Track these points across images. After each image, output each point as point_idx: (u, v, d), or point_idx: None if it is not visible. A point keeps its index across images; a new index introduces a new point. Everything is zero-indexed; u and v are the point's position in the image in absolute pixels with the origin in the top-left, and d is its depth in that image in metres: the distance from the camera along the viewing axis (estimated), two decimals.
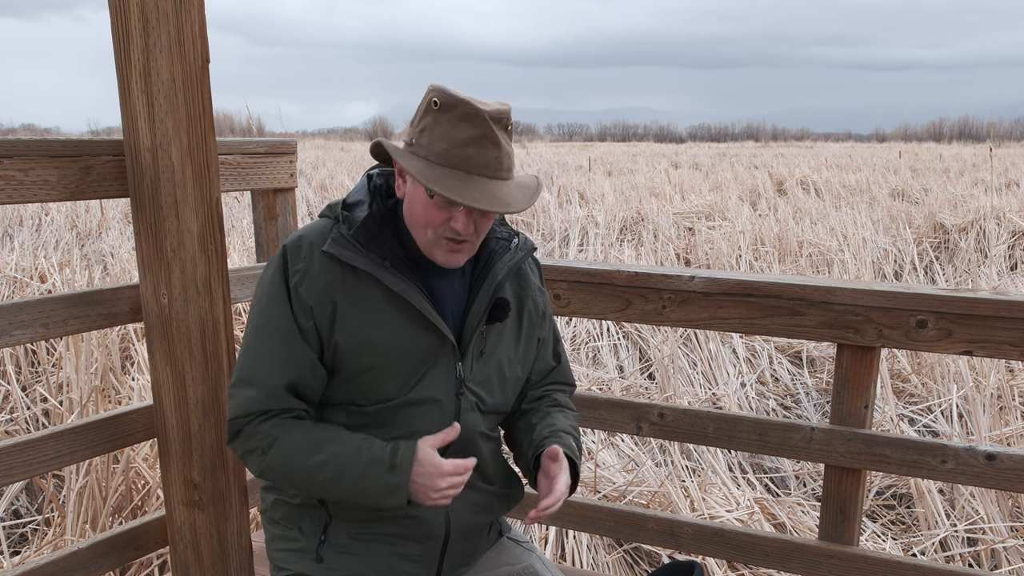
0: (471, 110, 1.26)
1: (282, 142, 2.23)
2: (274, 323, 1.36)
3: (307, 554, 1.47)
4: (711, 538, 2.07)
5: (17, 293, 5.92)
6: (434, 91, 1.30)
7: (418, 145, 1.30)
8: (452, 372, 1.43)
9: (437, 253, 1.36)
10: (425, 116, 1.30)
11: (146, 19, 1.53)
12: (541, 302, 1.56)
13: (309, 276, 1.35)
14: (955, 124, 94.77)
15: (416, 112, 1.34)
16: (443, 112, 1.28)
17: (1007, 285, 6.80)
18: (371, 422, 1.41)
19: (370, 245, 1.36)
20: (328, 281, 1.35)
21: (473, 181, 1.27)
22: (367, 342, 1.36)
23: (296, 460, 1.36)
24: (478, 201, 1.25)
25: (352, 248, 1.35)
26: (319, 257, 1.36)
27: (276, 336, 1.36)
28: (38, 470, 1.66)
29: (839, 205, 12.17)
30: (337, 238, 1.36)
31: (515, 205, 1.29)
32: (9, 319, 1.58)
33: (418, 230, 1.36)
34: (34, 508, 3.36)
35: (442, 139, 1.27)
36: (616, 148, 40.95)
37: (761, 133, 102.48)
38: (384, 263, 1.36)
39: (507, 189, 1.31)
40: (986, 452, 1.75)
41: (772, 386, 4.94)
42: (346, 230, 1.36)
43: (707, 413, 2.02)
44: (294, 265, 1.36)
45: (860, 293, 1.79)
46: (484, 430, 1.50)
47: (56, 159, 1.61)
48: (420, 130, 1.30)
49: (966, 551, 3.04)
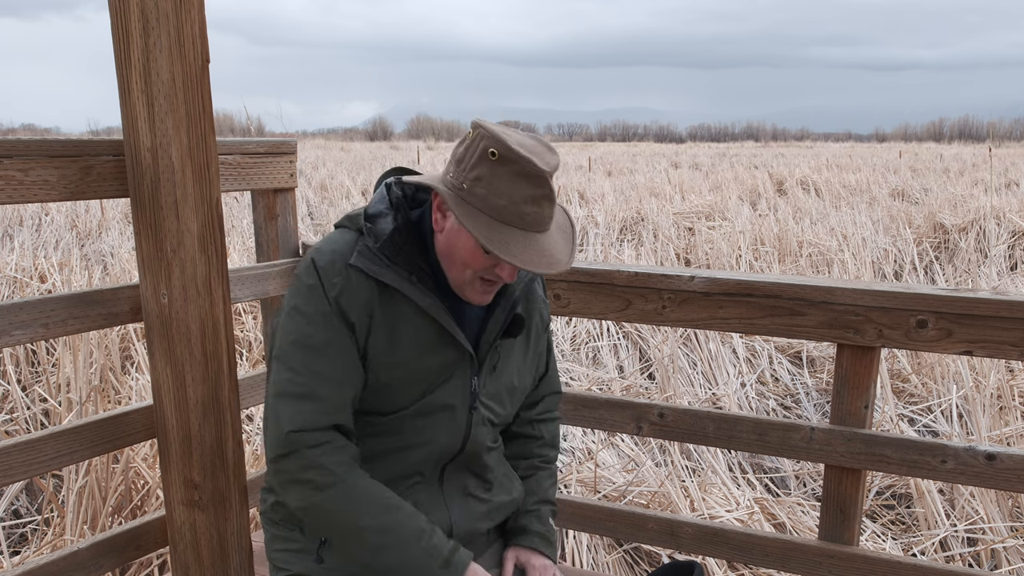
0: (534, 170, 1.23)
1: (282, 142, 2.22)
2: (326, 336, 1.33)
3: (307, 554, 1.47)
4: (711, 538, 2.07)
5: (17, 293, 5.92)
6: (489, 138, 1.24)
7: (472, 194, 1.25)
8: (467, 385, 1.44)
9: (469, 292, 1.36)
10: (480, 164, 1.25)
11: (146, 19, 1.53)
12: (545, 315, 1.59)
13: (348, 291, 1.33)
14: (955, 124, 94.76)
15: (464, 150, 1.28)
16: (502, 165, 1.23)
17: (1007, 285, 6.80)
18: (388, 430, 1.42)
19: (396, 259, 1.34)
20: (367, 297, 1.34)
21: (528, 240, 1.26)
22: (393, 356, 1.36)
23: (352, 514, 1.33)
24: (535, 264, 1.25)
25: (379, 262, 1.33)
26: (351, 271, 1.33)
27: (331, 349, 1.33)
28: (38, 470, 1.66)
29: (839, 205, 12.17)
30: (364, 252, 1.34)
31: (565, 263, 1.29)
32: (9, 319, 1.58)
33: (455, 268, 1.35)
34: (34, 508, 3.36)
35: (500, 195, 1.24)
36: (616, 148, 40.95)
37: (761, 133, 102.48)
38: (411, 278, 1.34)
39: (553, 241, 1.30)
40: (986, 452, 1.75)
41: (772, 386, 4.94)
42: (372, 243, 1.34)
43: (707, 413, 2.02)
44: (330, 278, 1.33)
45: (860, 293, 1.79)
46: (490, 443, 1.53)
47: (56, 159, 1.61)
48: (474, 178, 1.25)
49: (966, 551, 3.03)
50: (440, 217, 1.35)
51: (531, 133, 1.32)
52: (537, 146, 1.28)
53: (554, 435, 1.70)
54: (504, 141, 1.23)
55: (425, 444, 1.42)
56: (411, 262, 1.35)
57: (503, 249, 1.23)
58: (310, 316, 1.34)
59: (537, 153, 1.25)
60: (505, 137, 1.24)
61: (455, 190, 1.27)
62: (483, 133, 1.25)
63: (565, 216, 1.39)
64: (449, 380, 1.41)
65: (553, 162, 1.26)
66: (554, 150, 1.30)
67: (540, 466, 1.66)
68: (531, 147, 1.26)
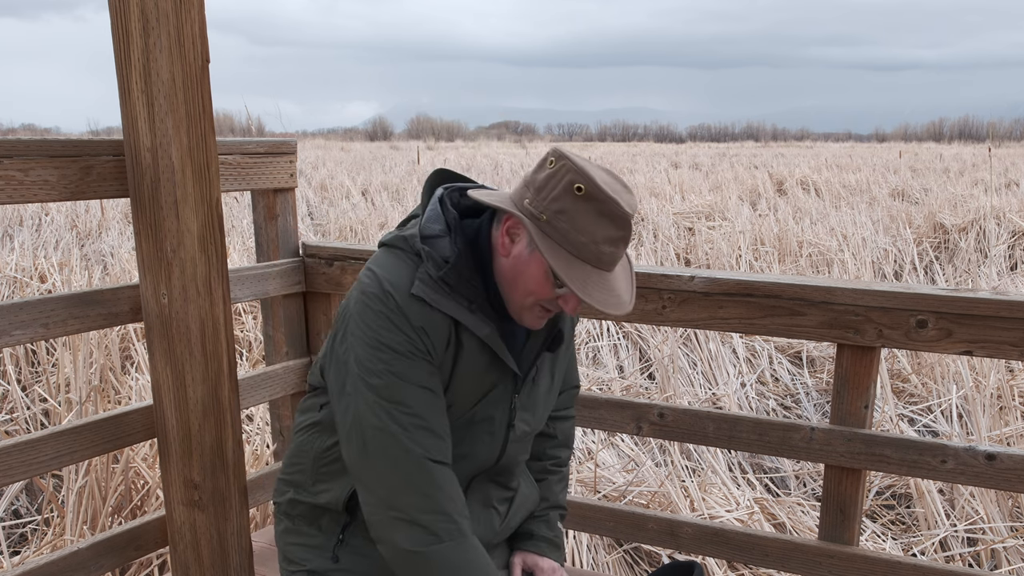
0: (618, 211, 1.22)
1: (282, 142, 2.22)
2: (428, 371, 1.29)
3: (323, 551, 1.46)
4: (711, 538, 2.07)
5: (17, 293, 5.92)
6: (576, 173, 1.22)
7: (552, 227, 1.23)
8: (508, 401, 1.43)
9: (527, 317, 1.34)
10: (563, 197, 1.22)
11: (146, 19, 1.53)
12: (573, 322, 1.59)
13: (431, 329, 1.29)
14: (955, 124, 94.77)
15: (546, 179, 1.25)
16: (587, 202, 1.21)
17: (1007, 285, 6.80)
18: None
19: (458, 287, 1.30)
20: (447, 332, 1.31)
21: (601, 279, 1.25)
22: (453, 383, 1.35)
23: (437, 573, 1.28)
24: (607, 305, 1.23)
25: (440, 291, 1.29)
26: (413, 300, 1.28)
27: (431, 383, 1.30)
28: (38, 470, 1.66)
29: (839, 205, 12.17)
30: (426, 280, 1.29)
31: (628, 304, 1.28)
32: (9, 319, 1.58)
33: (517, 294, 1.32)
34: (34, 508, 3.36)
35: (582, 232, 1.22)
36: (616, 148, 40.95)
37: (761, 133, 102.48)
38: (471, 306, 1.31)
39: (619, 281, 1.29)
40: (986, 452, 1.75)
41: (772, 386, 4.94)
42: (434, 272, 1.29)
43: (707, 413, 2.01)
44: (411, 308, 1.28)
45: (860, 293, 1.79)
46: (523, 457, 1.54)
47: (56, 159, 1.61)
48: (557, 211, 1.22)
49: (966, 551, 3.03)
50: (508, 242, 1.31)
51: (607, 170, 1.29)
52: (617, 185, 1.26)
53: (568, 435, 1.69)
54: (592, 178, 1.21)
55: (461, 458, 1.40)
56: (471, 289, 1.31)
57: (582, 288, 1.22)
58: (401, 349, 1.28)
59: (620, 193, 1.24)
60: (592, 173, 1.22)
61: (534, 220, 1.24)
62: (569, 166, 1.23)
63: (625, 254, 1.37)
64: (489, 394, 1.40)
65: (634, 204, 1.25)
66: (631, 190, 1.28)
67: (552, 469, 1.66)
68: (614, 187, 1.24)
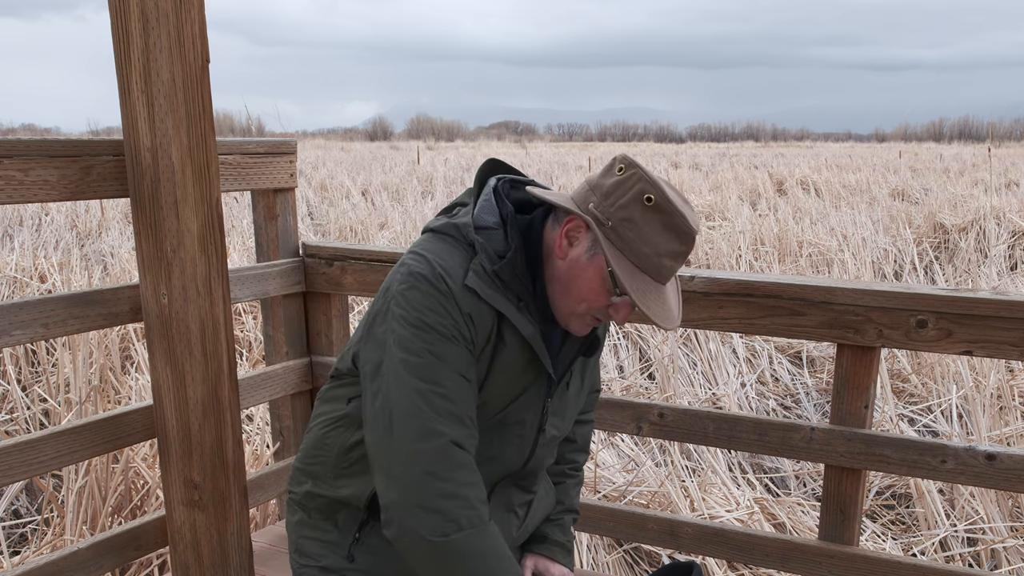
0: (685, 226, 1.21)
1: (282, 142, 2.22)
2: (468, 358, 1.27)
3: (339, 548, 1.44)
4: (711, 538, 2.07)
5: (17, 293, 5.92)
6: (646, 182, 1.21)
7: (617, 234, 1.22)
8: (540, 405, 1.42)
9: (574, 324, 1.33)
10: (632, 205, 1.21)
11: (146, 19, 1.53)
12: (606, 327, 1.56)
13: (476, 312, 1.27)
14: (955, 124, 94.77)
15: (614, 185, 1.23)
16: (656, 213, 1.21)
17: (1007, 285, 6.80)
18: None
19: (510, 283, 1.28)
20: (491, 322, 1.29)
21: (658, 292, 1.25)
22: (489, 379, 1.33)
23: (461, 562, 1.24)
24: (662, 318, 1.23)
25: (493, 286, 1.27)
26: (472, 295, 1.27)
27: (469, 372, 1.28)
28: (38, 470, 1.66)
29: (839, 205, 12.17)
30: (480, 272, 1.27)
31: (676, 320, 1.27)
32: (9, 319, 1.58)
33: (570, 299, 1.30)
34: (34, 508, 3.36)
35: (647, 243, 1.21)
36: (616, 148, 40.96)
37: (761, 133, 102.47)
38: (519, 304, 1.30)
39: (671, 295, 1.29)
40: (986, 452, 1.75)
41: (772, 386, 4.94)
42: (488, 265, 1.27)
43: (707, 413, 2.01)
44: (460, 294, 1.26)
45: (860, 293, 1.79)
46: (548, 462, 1.54)
47: (56, 159, 1.61)
48: (624, 219, 1.21)
49: (966, 551, 3.03)
50: (566, 244, 1.28)
51: (671, 184, 1.28)
52: (682, 200, 1.25)
53: (586, 439, 1.69)
54: (662, 190, 1.21)
55: (489, 460, 1.38)
56: (520, 286, 1.29)
57: (642, 299, 1.21)
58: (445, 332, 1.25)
59: (685, 209, 1.23)
60: (662, 185, 1.22)
61: (599, 224, 1.23)
62: (639, 175, 1.22)
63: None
64: (521, 396, 1.38)
65: (698, 222, 1.25)
66: (693, 208, 1.27)
67: (569, 473, 1.66)
68: (680, 202, 1.23)
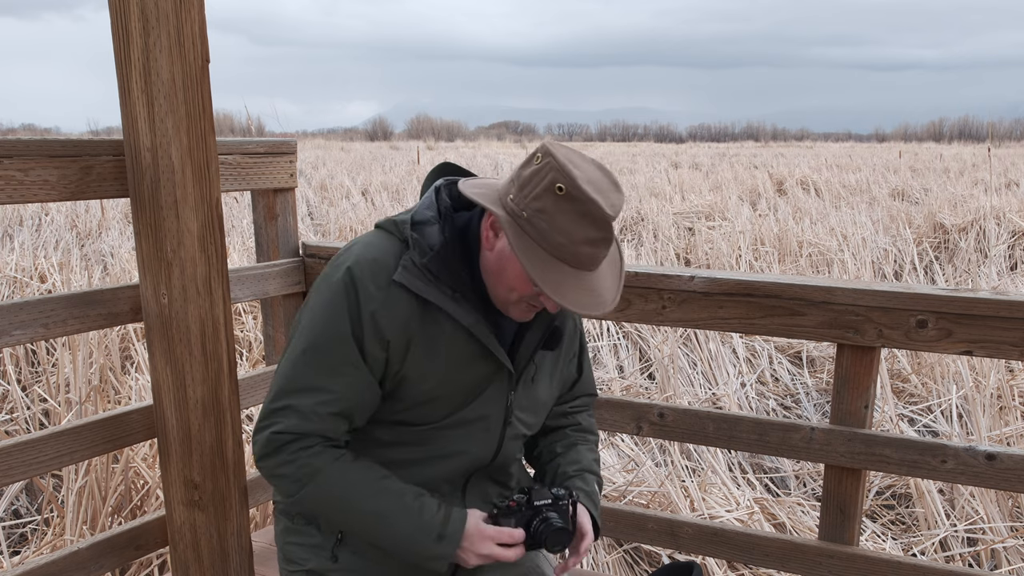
0: (599, 213, 1.19)
1: (282, 142, 2.22)
2: (337, 346, 1.30)
3: (322, 551, 1.46)
4: (711, 538, 2.07)
5: (17, 293, 5.92)
6: (558, 172, 1.19)
7: (530, 224, 1.21)
8: (503, 399, 1.42)
9: (513, 310, 1.33)
10: (544, 196, 1.20)
11: (146, 19, 1.53)
12: (579, 321, 1.56)
13: (388, 306, 1.29)
14: (955, 124, 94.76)
15: (530, 175, 1.23)
16: (567, 202, 1.19)
17: (1007, 285, 6.80)
18: (412, 440, 1.40)
19: (441, 275, 1.30)
20: (408, 315, 1.30)
21: (579, 279, 1.24)
22: (432, 375, 1.34)
23: (336, 503, 1.33)
24: (582, 306, 1.22)
25: (423, 278, 1.29)
26: (393, 286, 1.29)
27: (337, 360, 1.30)
28: (38, 470, 1.66)
29: (839, 205, 12.17)
30: (409, 267, 1.29)
31: (610, 303, 1.26)
32: (9, 319, 1.58)
33: (501, 288, 1.31)
34: (34, 508, 3.36)
35: (560, 233, 1.20)
36: (616, 148, 40.96)
37: (761, 133, 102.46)
38: (455, 295, 1.31)
39: (603, 279, 1.27)
40: (986, 452, 1.75)
41: (772, 386, 4.94)
42: (418, 258, 1.29)
43: (707, 413, 2.01)
44: (368, 290, 1.28)
45: (860, 293, 1.79)
46: (519, 455, 1.52)
47: (56, 159, 1.61)
48: (537, 210, 1.21)
49: (966, 551, 3.03)
50: (492, 236, 1.30)
51: (599, 164, 1.27)
52: (605, 182, 1.23)
53: (591, 424, 1.65)
54: (573, 178, 1.18)
55: (456, 455, 1.40)
56: (455, 278, 1.31)
57: (554, 289, 1.21)
58: (324, 324, 1.30)
59: (604, 192, 1.21)
60: (574, 172, 1.19)
61: (514, 216, 1.23)
62: (552, 164, 1.20)
63: (616, 248, 1.34)
64: (484, 392, 1.39)
65: (619, 203, 1.22)
66: (620, 187, 1.25)
67: (580, 440, 1.59)
68: (599, 185, 1.22)
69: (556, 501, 1.36)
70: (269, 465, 1.35)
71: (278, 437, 1.31)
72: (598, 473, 1.56)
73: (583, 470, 1.53)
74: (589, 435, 1.62)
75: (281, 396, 1.33)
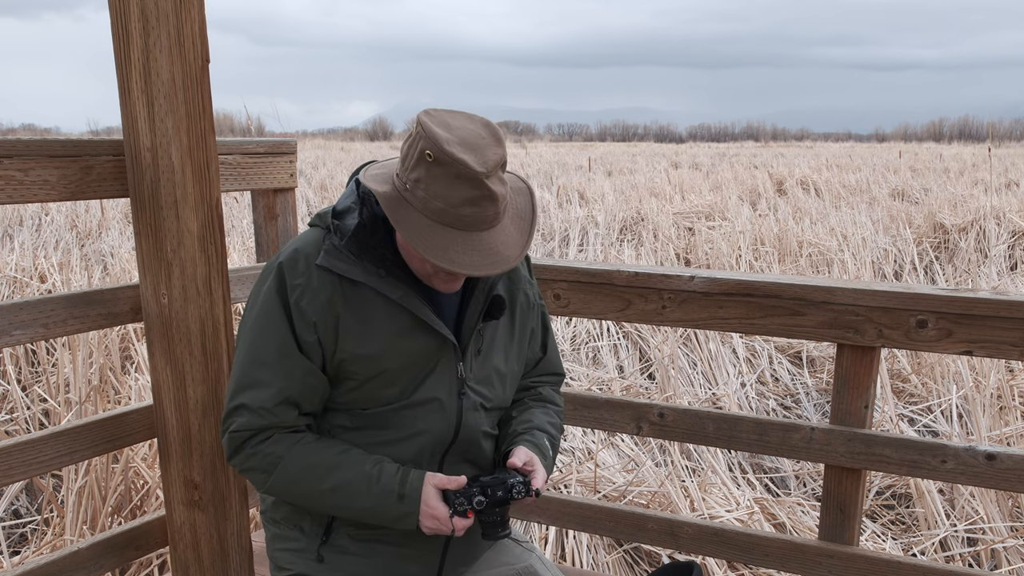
0: (468, 172, 1.18)
1: (282, 142, 2.22)
2: (271, 339, 1.35)
3: (308, 554, 1.48)
4: (711, 538, 2.07)
5: (17, 293, 5.92)
6: (426, 139, 1.20)
7: (412, 195, 1.23)
8: (453, 372, 1.43)
9: (435, 281, 1.36)
10: (418, 166, 1.22)
11: (146, 19, 1.53)
12: (531, 293, 1.55)
13: (310, 291, 1.33)
14: (955, 124, 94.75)
15: (408, 148, 1.25)
16: (438, 166, 1.19)
17: (1007, 285, 6.80)
18: (373, 424, 1.42)
19: (363, 254, 1.34)
20: (329, 295, 1.34)
21: (470, 241, 1.23)
22: (370, 353, 1.36)
23: (303, 484, 1.38)
24: (476, 268, 1.23)
25: (346, 259, 1.34)
26: (316, 271, 1.34)
27: (273, 352, 1.35)
28: (38, 470, 1.66)
29: (839, 205, 12.17)
30: (330, 250, 1.34)
31: (510, 260, 1.25)
32: (9, 319, 1.58)
33: (414, 262, 1.35)
34: (34, 508, 3.36)
35: (437, 198, 1.21)
36: (616, 148, 40.96)
37: (761, 133, 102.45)
38: (379, 272, 1.34)
39: (503, 236, 1.26)
40: (986, 452, 1.75)
41: (772, 386, 4.94)
42: (338, 241, 1.34)
43: (707, 413, 2.02)
44: (293, 280, 1.34)
45: (860, 293, 1.79)
46: (487, 428, 1.50)
47: (56, 159, 1.61)
48: (415, 180, 1.22)
49: (966, 551, 3.04)
50: None
51: (482, 120, 1.27)
52: (480, 139, 1.22)
53: (552, 395, 1.63)
54: (438, 142, 1.18)
55: (417, 435, 1.42)
56: (379, 255, 1.34)
57: (441, 256, 1.21)
58: (259, 318, 1.36)
59: (477, 149, 1.20)
60: (440, 137, 1.19)
61: (400, 191, 1.25)
62: (421, 133, 1.21)
63: (528, 200, 1.33)
64: (434, 370, 1.41)
65: (493, 158, 1.21)
66: (500, 141, 1.24)
67: (535, 405, 1.58)
68: (471, 143, 1.21)
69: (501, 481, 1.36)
70: (237, 462, 1.41)
71: (237, 435, 1.38)
72: (552, 434, 1.54)
73: (533, 428, 1.51)
74: (548, 404, 1.61)
75: (234, 396, 1.39)
